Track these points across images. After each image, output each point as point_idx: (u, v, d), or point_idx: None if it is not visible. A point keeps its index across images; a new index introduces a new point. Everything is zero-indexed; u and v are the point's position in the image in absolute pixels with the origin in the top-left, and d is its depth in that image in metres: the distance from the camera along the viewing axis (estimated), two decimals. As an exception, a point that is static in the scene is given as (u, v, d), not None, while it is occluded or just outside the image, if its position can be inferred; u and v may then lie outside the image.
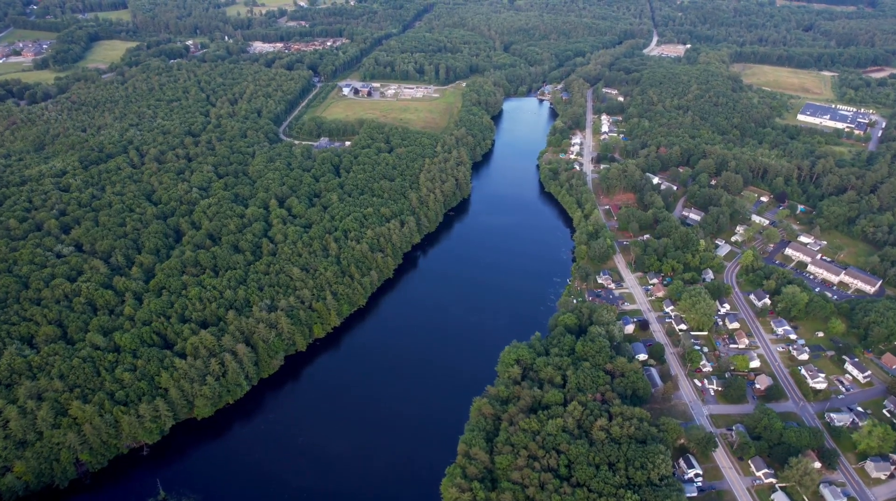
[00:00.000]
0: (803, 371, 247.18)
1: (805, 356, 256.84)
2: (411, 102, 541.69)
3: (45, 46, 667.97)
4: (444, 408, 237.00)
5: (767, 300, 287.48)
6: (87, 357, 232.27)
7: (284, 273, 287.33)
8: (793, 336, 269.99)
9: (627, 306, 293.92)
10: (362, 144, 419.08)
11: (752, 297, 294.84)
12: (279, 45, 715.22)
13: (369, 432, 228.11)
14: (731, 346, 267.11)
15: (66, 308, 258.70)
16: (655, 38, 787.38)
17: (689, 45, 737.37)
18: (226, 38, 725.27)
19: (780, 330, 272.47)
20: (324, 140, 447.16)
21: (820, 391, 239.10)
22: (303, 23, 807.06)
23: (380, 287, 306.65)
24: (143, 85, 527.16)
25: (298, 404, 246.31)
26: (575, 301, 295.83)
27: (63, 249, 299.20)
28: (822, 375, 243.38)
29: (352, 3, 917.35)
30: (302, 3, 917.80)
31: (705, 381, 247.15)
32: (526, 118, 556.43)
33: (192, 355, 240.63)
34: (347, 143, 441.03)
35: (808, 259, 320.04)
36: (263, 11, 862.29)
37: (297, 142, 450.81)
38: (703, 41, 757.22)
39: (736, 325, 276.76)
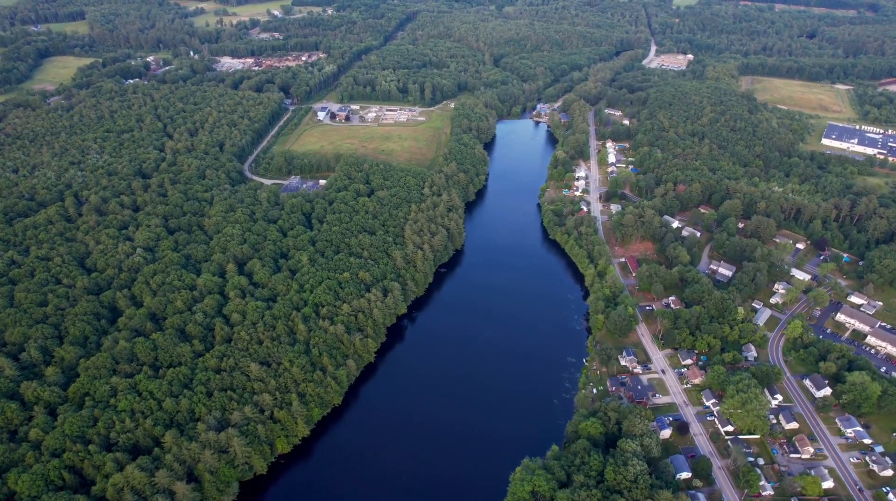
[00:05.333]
0: (892, 496, 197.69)
1: (889, 472, 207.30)
2: (394, 127, 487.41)
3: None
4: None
5: (828, 390, 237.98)
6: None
7: (240, 370, 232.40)
8: (867, 440, 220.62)
9: (659, 400, 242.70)
10: (338, 185, 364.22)
11: (807, 383, 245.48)
12: (249, 60, 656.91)
13: None
14: (793, 456, 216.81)
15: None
16: (654, 48, 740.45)
17: (690, 56, 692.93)
18: (191, 53, 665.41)
19: (849, 432, 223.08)
20: (294, 179, 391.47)
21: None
22: (276, 34, 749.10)
23: (358, 376, 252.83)
24: (92, 112, 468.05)
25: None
26: (595, 391, 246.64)
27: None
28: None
29: (329, 11, 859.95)
30: (276, 13, 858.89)
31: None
32: (521, 143, 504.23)
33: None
34: (322, 182, 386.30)
35: (867, 328, 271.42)
36: (234, 22, 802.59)
37: (264, 180, 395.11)
38: (704, 50, 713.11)
39: (794, 425, 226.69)
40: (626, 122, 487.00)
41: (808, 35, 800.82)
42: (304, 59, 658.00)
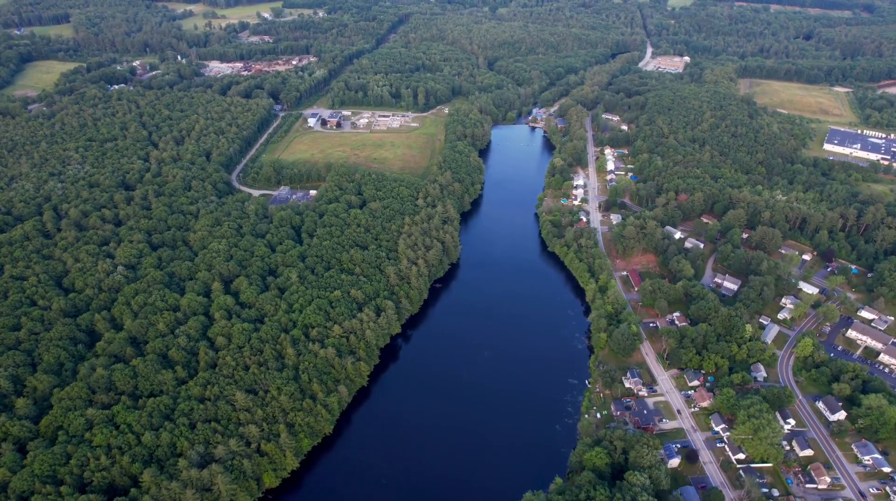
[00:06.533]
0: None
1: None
2: (387, 133, 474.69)
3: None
4: None
5: (843, 413, 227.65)
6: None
7: (225, 399, 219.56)
8: (886, 469, 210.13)
9: (666, 425, 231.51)
10: (329, 196, 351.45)
11: (820, 405, 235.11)
12: (238, 64, 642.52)
13: None
14: (809, 486, 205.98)
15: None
16: (650, 50, 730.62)
17: (687, 58, 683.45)
18: (179, 57, 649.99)
19: (867, 459, 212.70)
20: (283, 190, 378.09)
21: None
22: (266, 38, 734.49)
23: (350, 402, 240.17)
24: (74, 120, 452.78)
25: None
26: (599, 415, 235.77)
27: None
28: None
29: (320, 14, 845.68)
30: (266, 15, 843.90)
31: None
32: (517, 150, 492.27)
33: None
34: (312, 192, 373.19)
35: (880, 345, 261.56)
36: (223, 25, 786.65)
37: (252, 191, 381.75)
38: (700, 52, 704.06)
39: (809, 452, 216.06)
40: (625, 127, 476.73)
41: (804, 36, 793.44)
42: (294, 63, 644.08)
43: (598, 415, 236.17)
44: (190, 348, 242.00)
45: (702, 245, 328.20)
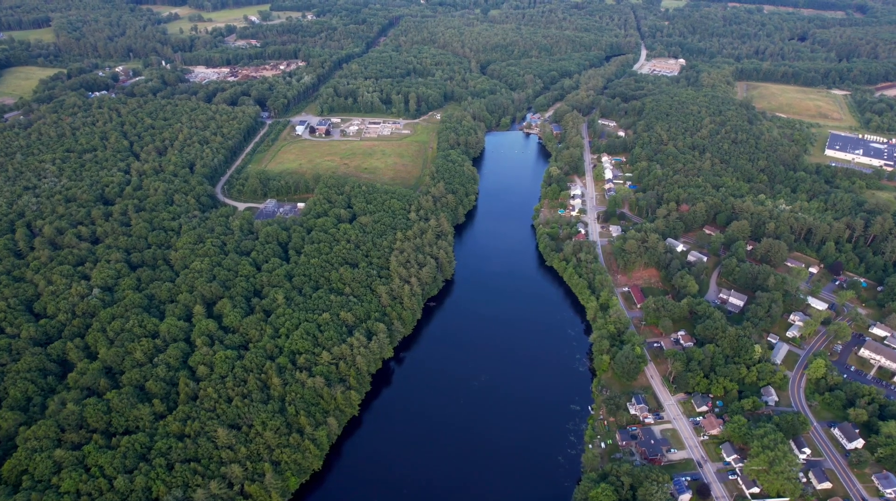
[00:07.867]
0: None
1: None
2: (378, 141, 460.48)
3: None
4: None
5: (860, 442, 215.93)
6: None
7: (206, 436, 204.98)
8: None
9: (674, 455, 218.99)
10: (318, 209, 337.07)
11: (836, 432, 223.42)
12: (225, 69, 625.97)
13: None
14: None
15: None
16: (644, 52, 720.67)
17: (682, 60, 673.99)
18: (163, 62, 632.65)
19: (889, 492, 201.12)
20: (270, 203, 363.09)
21: None
22: (253, 42, 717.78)
23: (340, 434, 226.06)
24: (52, 129, 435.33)
25: None
26: (603, 445, 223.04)
27: None
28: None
29: (309, 17, 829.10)
30: (253, 19, 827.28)
31: None
32: (512, 157, 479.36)
33: None
34: (300, 205, 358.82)
35: (895, 366, 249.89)
36: (209, 28, 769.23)
37: (238, 204, 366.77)
38: (695, 54, 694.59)
39: (827, 485, 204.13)
40: (622, 133, 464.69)
41: (799, 38, 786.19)
42: (282, 67, 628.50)
43: (603, 445, 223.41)
44: (169, 378, 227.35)
45: (705, 258, 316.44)
